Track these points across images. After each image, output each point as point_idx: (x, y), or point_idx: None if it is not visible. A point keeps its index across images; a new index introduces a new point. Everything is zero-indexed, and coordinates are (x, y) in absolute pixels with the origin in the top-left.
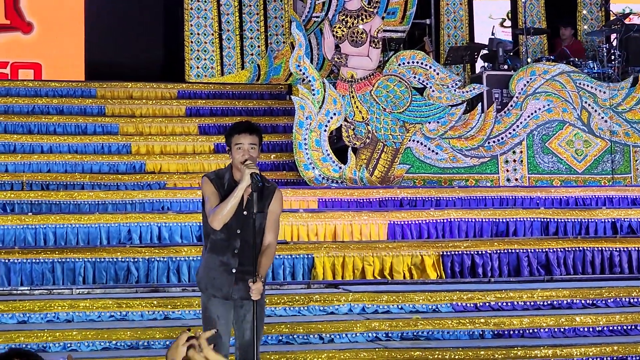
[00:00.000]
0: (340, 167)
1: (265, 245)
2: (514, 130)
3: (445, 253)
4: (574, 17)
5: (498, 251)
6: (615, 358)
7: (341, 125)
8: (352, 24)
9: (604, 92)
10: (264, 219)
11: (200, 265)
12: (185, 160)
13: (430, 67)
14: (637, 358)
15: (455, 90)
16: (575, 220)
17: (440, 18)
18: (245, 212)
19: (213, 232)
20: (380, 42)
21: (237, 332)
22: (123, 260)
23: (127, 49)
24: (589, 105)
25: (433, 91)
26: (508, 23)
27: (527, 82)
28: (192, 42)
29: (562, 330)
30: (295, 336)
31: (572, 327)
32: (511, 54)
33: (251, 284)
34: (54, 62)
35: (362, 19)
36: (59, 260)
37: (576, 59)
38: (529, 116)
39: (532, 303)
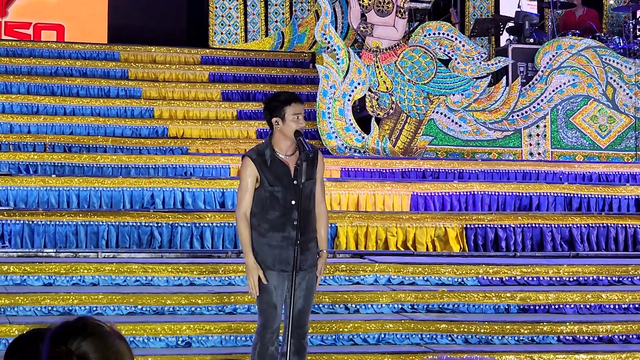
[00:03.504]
0: (363, 137)
1: (320, 212)
2: (538, 104)
3: (469, 226)
4: None
5: (522, 225)
6: None
7: (365, 95)
8: None
9: (630, 68)
10: (313, 185)
11: (257, 245)
12: (208, 126)
13: (456, 39)
14: None
15: (480, 63)
16: (599, 196)
17: None
18: (295, 182)
19: (266, 212)
20: (407, 13)
21: (290, 300)
22: (147, 224)
23: (150, 13)
24: (614, 81)
25: (458, 63)
26: None
27: (553, 56)
28: (216, 7)
29: (587, 306)
30: (321, 305)
31: (598, 304)
32: (536, 27)
33: (319, 267)
34: (77, 24)
35: None
36: (83, 223)
37: (602, 34)
38: (553, 90)
39: (557, 279)
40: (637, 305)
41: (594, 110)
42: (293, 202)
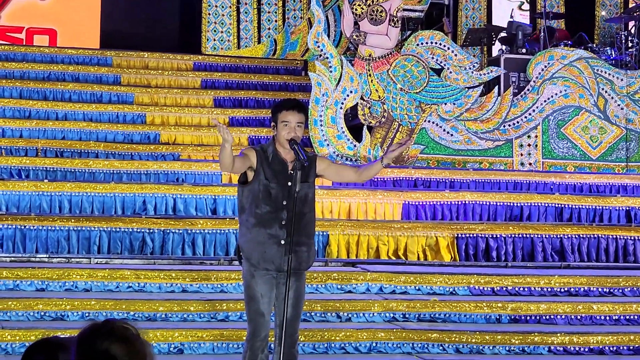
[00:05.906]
0: (354, 145)
1: (357, 170)
2: (529, 114)
3: (460, 235)
4: (592, 2)
5: (513, 235)
6: (631, 347)
7: (357, 103)
8: (372, 1)
9: (621, 80)
10: (309, 189)
11: (244, 241)
12: (200, 133)
13: (448, 48)
14: None
15: (472, 72)
16: (590, 207)
17: None
18: (290, 184)
19: (256, 206)
20: (400, 21)
21: (279, 309)
22: (138, 230)
23: (143, 19)
24: (606, 92)
25: (450, 72)
26: (526, 6)
27: (545, 66)
28: (209, 14)
29: (578, 317)
30: (313, 314)
31: (589, 315)
32: (528, 37)
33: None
34: (70, 29)
35: None
36: (75, 228)
37: (594, 45)
38: (545, 101)
39: (549, 289)
40: (627, 317)
41: (586, 121)
42: (284, 202)
